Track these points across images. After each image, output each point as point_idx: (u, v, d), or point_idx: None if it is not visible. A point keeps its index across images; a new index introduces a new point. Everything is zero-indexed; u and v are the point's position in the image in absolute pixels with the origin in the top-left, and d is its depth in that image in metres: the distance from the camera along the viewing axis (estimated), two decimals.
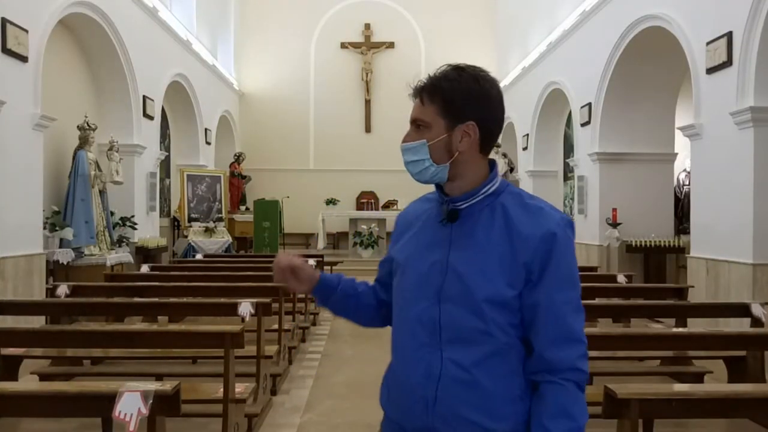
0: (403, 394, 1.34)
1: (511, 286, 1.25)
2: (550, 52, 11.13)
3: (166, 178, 11.55)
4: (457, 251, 1.29)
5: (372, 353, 6.01)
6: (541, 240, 1.25)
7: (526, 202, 1.31)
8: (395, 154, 9.53)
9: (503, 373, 1.26)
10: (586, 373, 1.26)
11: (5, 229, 5.51)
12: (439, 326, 1.28)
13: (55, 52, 7.19)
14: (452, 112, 1.30)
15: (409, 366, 1.32)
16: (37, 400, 2.25)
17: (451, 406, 1.25)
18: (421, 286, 1.32)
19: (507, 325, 1.26)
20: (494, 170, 1.35)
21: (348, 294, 1.52)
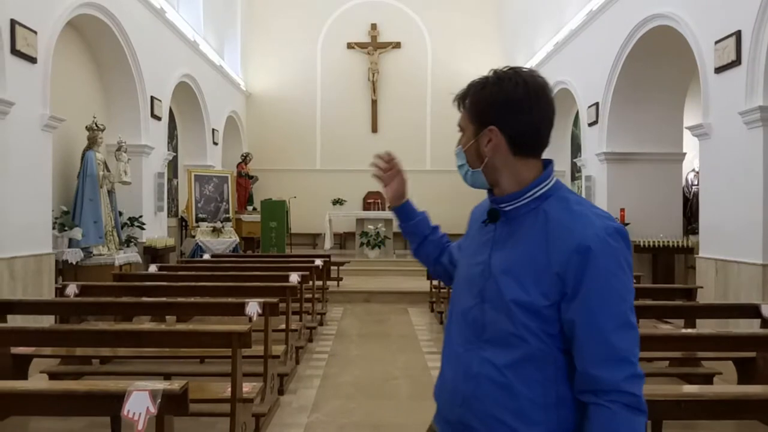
0: (446, 388, 1.38)
1: (544, 295, 1.22)
2: (557, 51, 11.09)
3: (174, 179, 11.60)
4: (497, 253, 1.31)
5: (378, 354, 6.02)
6: (575, 251, 1.19)
7: (571, 207, 1.27)
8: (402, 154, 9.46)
9: (538, 380, 1.23)
10: (636, 395, 1.17)
11: (15, 229, 5.56)
12: (481, 326, 1.30)
13: (64, 53, 7.23)
14: (477, 117, 1.33)
15: (453, 362, 1.36)
16: (47, 398, 2.26)
17: (484, 404, 1.27)
18: (468, 285, 1.36)
19: (541, 332, 1.23)
20: (545, 173, 1.32)
21: (414, 233, 1.71)
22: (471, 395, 1.29)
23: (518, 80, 1.29)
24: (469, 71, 13.84)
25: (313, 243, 15.05)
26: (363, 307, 8.92)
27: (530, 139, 1.32)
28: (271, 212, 11.65)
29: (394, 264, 12.15)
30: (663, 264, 8.59)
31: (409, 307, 8.79)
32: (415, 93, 15.31)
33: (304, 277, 5.97)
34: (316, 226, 14.19)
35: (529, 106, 1.29)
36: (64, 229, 6.82)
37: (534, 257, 1.24)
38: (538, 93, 1.30)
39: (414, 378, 5.11)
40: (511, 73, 1.31)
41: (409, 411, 4.31)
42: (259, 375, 4.02)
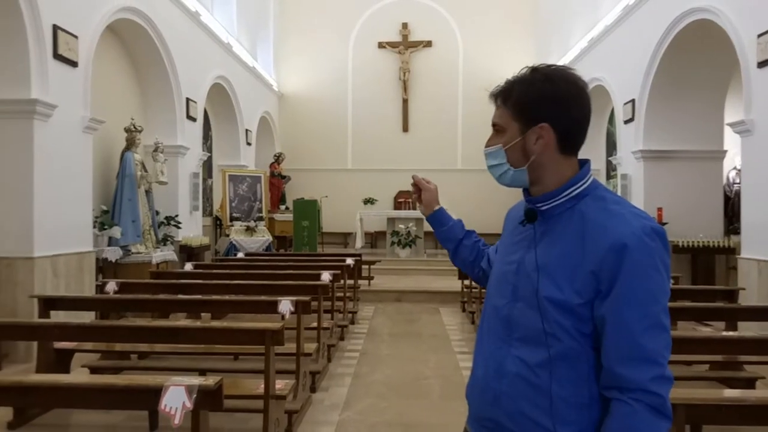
0: (477, 386, 1.39)
1: (578, 293, 1.21)
2: (592, 47, 10.89)
3: (209, 179, 11.82)
4: (533, 252, 1.31)
5: (409, 353, 6.02)
6: (610, 250, 1.18)
7: (608, 207, 1.25)
8: (433, 154, 9.69)
9: (570, 378, 1.23)
10: (661, 396, 1.16)
11: (58, 227, 5.74)
12: (513, 324, 1.31)
13: (103, 57, 7.44)
14: (524, 115, 1.31)
15: (485, 359, 1.37)
16: (88, 392, 2.34)
17: (516, 402, 1.27)
18: (502, 284, 1.37)
19: (574, 331, 1.22)
20: (582, 172, 1.32)
21: (448, 239, 1.78)
22: (502, 393, 1.29)
23: (566, 77, 1.30)
24: (501, 69, 13.77)
25: (344, 242, 15.13)
26: (394, 306, 8.93)
27: (576, 137, 1.31)
28: (303, 211, 11.76)
29: (425, 263, 12.13)
30: (703, 265, 8.35)
31: (440, 307, 8.76)
32: (446, 92, 15.25)
33: (335, 275, 6.01)
34: (348, 225, 14.28)
35: (575, 103, 1.29)
36: (104, 228, 7.02)
37: (569, 256, 1.24)
38: (579, 90, 1.30)
39: (446, 378, 5.09)
40: (556, 70, 1.31)
41: (441, 411, 4.29)
42: (291, 372, 4.07)
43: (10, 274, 5.32)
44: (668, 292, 1.21)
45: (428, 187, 1.79)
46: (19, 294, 5.29)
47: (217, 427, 3.63)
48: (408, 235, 12.27)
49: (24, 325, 3.74)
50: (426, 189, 1.79)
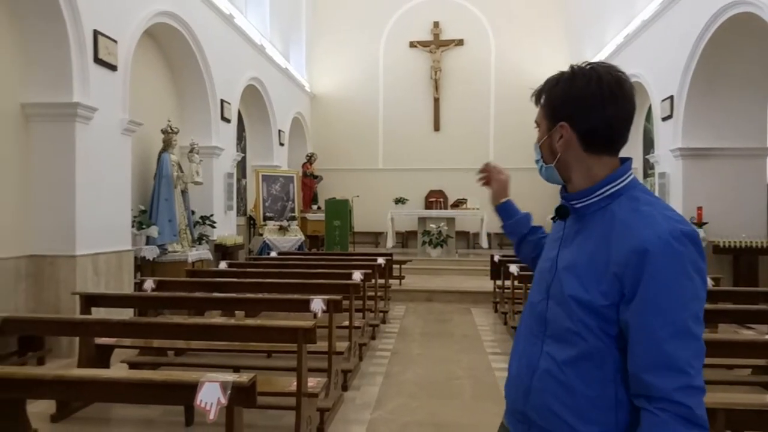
0: (511, 379, 1.41)
1: (604, 295, 1.20)
2: (628, 43, 10.65)
3: (243, 179, 12.00)
4: (564, 250, 1.32)
5: (441, 353, 5.99)
6: (632, 253, 1.16)
7: (639, 207, 1.23)
8: (464, 152, 9.60)
9: (596, 378, 1.22)
10: (688, 407, 1.11)
11: (98, 227, 5.92)
12: (545, 321, 1.33)
13: (141, 61, 7.63)
14: (549, 113, 1.35)
15: (519, 354, 1.39)
16: (127, 386, 2.40)
17: (543, 398, 1.28)
18: (539, 281, 1.40)
19: (599, 331, 1.21)
20: (618, 171, 1.29)
21: (513, 232, 1.79)
22: (532, 388, 1.31)
23: (592, 76, 1.28)
24: (534, 67, 13.60)
25: (375, 241, 15.17)
26: (425, 305, 8.91)
27: (602, 137, 1.29)
28: (335, 211, 11.84)
29: (456, 263, 12.06)
30: (745, 266, 8.08)
31: (472, 307, 8.71)
32: (477, 90, 15.14)
33: (366, 275, 6.03)
34: (379, 224, 14.31)
35: (601, 102, 1.26)
36: (142, 228, 7.21)
37: (596, 256, 1.23)
38: (612, 89, 1.27)
39: (478, 379, 5.05)
40: (586, 69, 1.30)
41: (472, 411, 4.27)
42: (323, 370, 4.10)
43: (53, 272, 5.51)
44: (701, 297, 1.16)
45: (499, 177, 1.81)
46: (61, 291, 5.47)
47: (250, 423, 3.69)
48: (439, 235, 12.23)
49: (67, 321, 3.87)
50: (496, 179, 1.81)
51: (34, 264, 5.50)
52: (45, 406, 4.01)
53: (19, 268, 5.39)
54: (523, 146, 13.74)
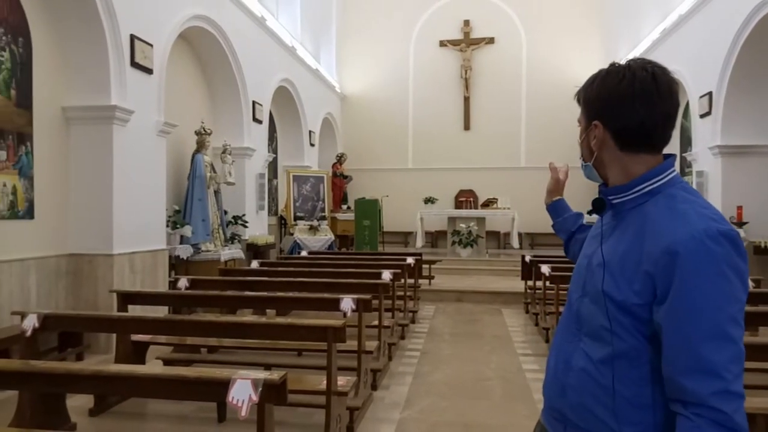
0: (549, 377, 1.41)
1: (637, 294, 1.18)
2: (665, 39, 10.39)
3: (274, 179, 12.14)
4: (601, 247, 1.31)
5: (471, 353, 5.96)
6: (665, 253, 1.13)
7: (675, 205, 1.20)
8: (495, 152, 9.51)
9: (632, 378, 1.20)
10: (724, 413, 1.07)
11: (135, 226, 6.06)
12: (581, 318, 1.32)
13: (176, 64, 7.80)
14: (585, 112, 1.35)
15: (558, 351, 1.39)
16: (162, 383, 2.45)
17: (578, 395, 1.28)
18: (576, 279, 1.39)
19: (635, 331, 1.19)
20: (658, 168, 1.27)
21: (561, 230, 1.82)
22: (568, 386, 1.30)
23: (626, 74, 1.25)
24: (566, 64, 13.33)
25: (404, 241, 15.16)
26: (455, 306, 8.86)
27: (636, 135, 1.27)
28: (364, 211, 11.88)
29: (486, 263, 11.96)
30: None
31: (502, 308, 8.63)
32: (509, 89, 14.98)
33: (396, 274, 6.03)
34: (408, 224, 14.30)
35: (631, 101, 1.24)
36: (176, 227, 7.36)
37: (630, 254, 1.21)
38: (644, 87, 1.24)
39: (508, 380, 5.00)
40: (620, 67, 1.28)
41: (502, 412, 4.23)
42: (353, 369, 4.12)
43: (91, 270, 5.67)
44: (740, 299, 1.12)
45: (556, 176, 1.84)
46: (99, 288, 5.63)
47: (281, 420, 3.73)
48: (469, 235, 12.14)
49: (104, 318, 3.98)
50: (554, 178, 1.84)
51: (73, 262, 5.67)
52: (84, 401, 4.13)
53: (59, 266, 5.56)
54: (556, 145, 13.56)
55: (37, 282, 5.28)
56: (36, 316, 3.61)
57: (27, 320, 3.61)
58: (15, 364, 2.63)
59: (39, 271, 5.31)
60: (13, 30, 5.10)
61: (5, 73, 5.01)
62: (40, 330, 3.62)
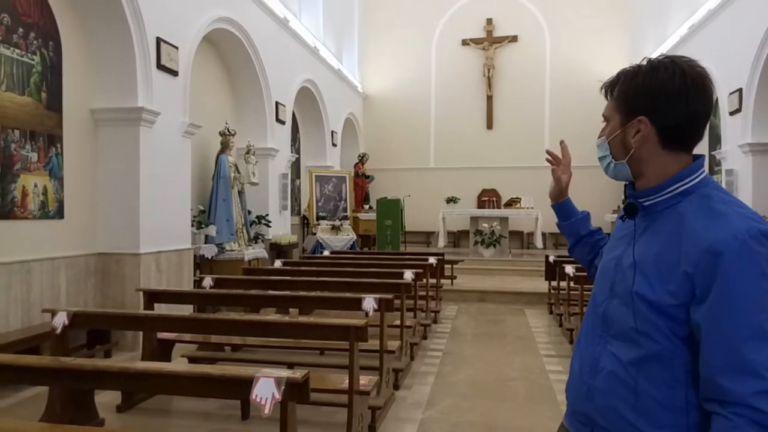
0: (573, 379, 1.38)
1: (672, 294, 1.16)
2: (692, 35, 10.18)
3: (297, 179, 12.23)
4: (632, 248, 1.29)
5: (493, 354, 5.92)
6: (706, 253, 1.12)
7: (712, 205, 1.18)
8: (518, 151, 9.42)
9: (665, 380, 1.18)
10: (764, 413, 1.06)
11: (161, 226, 6.16)
12: (609, 320, 1.30)
13: (200, 65, 7.90)
14: (625, 107, 1.29)
15: (583, 354, 1.36)
16: (187, 380, 2.49)
17: (607, 399, 1.25)
18: (603, 280, 1.36)
19: (669, 332, 1.17)
20: (690, 168, 1.25)
21: (570, 233, 1.77)
22: (596, 389, 1.28)
23: (675, 69, 1.23)
24: (591, 62, 13.12)
25: (426, 241, 15.13)
26: (477, 306, 8.81)
27: (683, 132, 1.25)
28: (386, 211, 11.88)
29: (509, 263, 11.87)
30: None
31: (525, 308, 8.55)
32: (532, 87, 14.84)
33: (418, 274, 6.02)
34: (430, 224, 14.26)
35: (686, 97, 1.22)
36: (201, 227, 7.46)
37: (665, 255, 1.19)
38: (696, 84, 1.22)
39: (531, 381, 4.96)
40: (667, 62, 1.25)
41: (526, 413, 4.19)
42: (375, 369, 4.13)
43: (119, 269, 5.78)
44: None
45: (563, 169, 1.76)
46: (127, 287, 5.73)
47: (303, 419, 3.75)
48: (492, 235, 12.06)
49: (131, 317, 4.05)
50: (561, 171, 1.75)
51: (102, 261, 5.79)
52: (111, 397, 4.21)
53: (88, 265, 5.68)
54: (581, 143, 13.32)
55: (66, 280, 5.41)
56: (66, 314, 3.70)
57: (57, 318, 3.70)
58: (45, 361, 2.70)
59: (69, 269, 5.44)
60: (44, 34, 5.23)
61: (36, 76, 5.14)
62: (69, 327, 3.70)
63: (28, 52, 5.05)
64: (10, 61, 4.86)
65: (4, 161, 4.79)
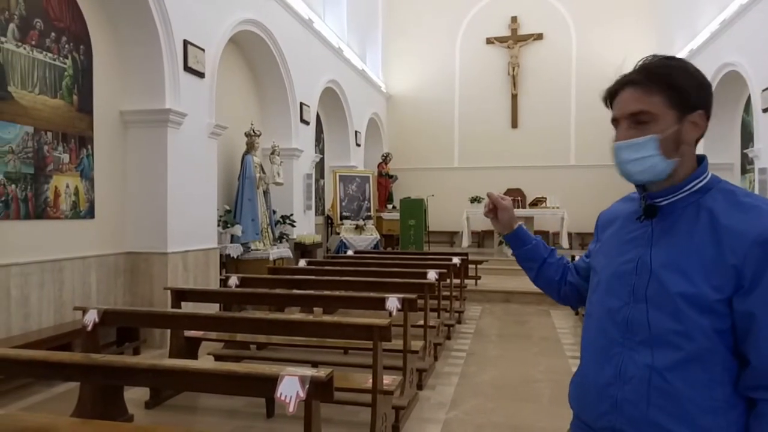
0: (591, 392, 1.32)
1: (716, 289, 1.15)
2: (724, 30, 9.93)
3: (321, 179, 12.30)
4: (656, 249, 1.25)
5: (518, 355, 5.86)
6: (755, 243, 1.13)
7: (740, 200, 1.20)
8: (544, 149, 9.33)
9: (703, 381, 1.16)
10: None
11: (189, 226, 6.26)
12: (634, 326, 1.25)
13: (226, 67, 8.00)
14: (683, 101, 1.23)
15: (599, 364, 1.30)
16: (213, 377, 2.52)
17: (642, 409, 1.21)
18: (616, 285, 1.30)
19: (709, 329, 1.16)
20: (703, 165, 1.27)
21: (532, 258, 1.65)
22: (625, 400, 1.23)
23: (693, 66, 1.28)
24: (619, 59, 12.92)
25: (450, 241, 15.07)
26: (502, 306, 8.75)
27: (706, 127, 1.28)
28: (409, 210, 11.87)
29: None
30: None
31: (551, 309, 8.45)
32: (558, 85, 14.67)
33: (441, 274, 6.00)
34: (454, 224, 14.20)
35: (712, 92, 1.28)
36: (227, 226, 7.55)
37: (701, 251, 1.18)
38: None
39: (557, 382, 4.90)
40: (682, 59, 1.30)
41: (551, 415, 4.14)
42: (398, 369, 4.12)
43: (147, 268, 5.89)
44: None
45: (504, 204, 1.66)
46: (155, 285, 5.84)
47: (327, 418, 3.78)
48: None
49: (160, 315, 4.12)
50: (503, 207, 1.65)
51: (131, 260, 5.91)
52: (140, 394, 4.29)
53: (118, 264, 5.81)
54: (607, 142, 13.13)
55: (97, 279, 5.53)
56: (96, 312, 3.78)
57: (88, 315, 3.78)
58: (77, 357, 2.76)
59: (99, 268, 5.56)
60: (75, 38, 5.35)
61: (68, 79, 5.26)
62: (100, 325, 3.78)
63: (60, 55, 5.18)
64: (43, 64, 4.99)
65: (37, 162, 4.93)
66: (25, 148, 4.80)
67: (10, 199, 4.66)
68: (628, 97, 1.25)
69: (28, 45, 4.84)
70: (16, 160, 4.71)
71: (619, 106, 1.27)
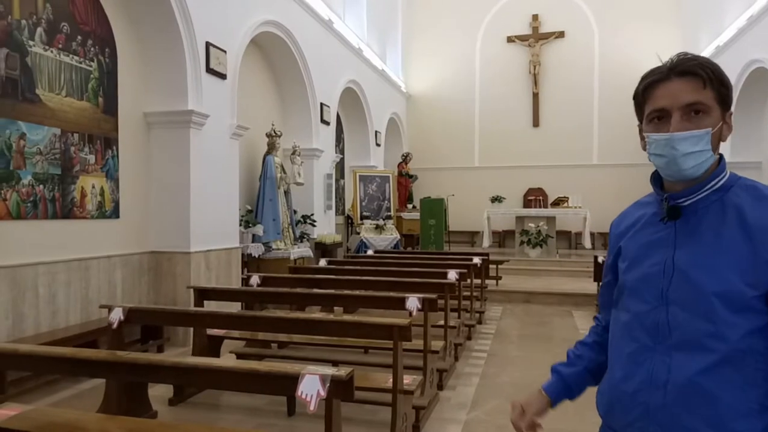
0: (620, 399, 1.29)
1: (751, 286, 1.13)
2: (752, 26, 9.71)
3: (341, 179, 12.34)
4: (683, 250, 1.22)
5: (539, 356, 5.81)
6: None
7: (764, 194, 1.20)
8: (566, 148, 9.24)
9: (737, 383, 1.14)
10: None
11: (211, 225, 6.33)
12: (665, 330, 1.21)
13: (247, 68, 8.08)
14: (727, 100, 1.24)
15: (628, 370, 1.27)
16: (235, 375, 2.55)
17: (674, 415, 1.18)
18: (643, 289, 1.26)
19: (744, 330, 1.14)
20: (722, 163, 1.26)
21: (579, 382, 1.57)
22: (657, 405, 1.20)
23: None
24: (642, 57, 12.74)
25: (471, 241, 15.00)
26: (523, 307, 8.68)
27: None
28: (430, 210, 11.85)
29: (556, 264, 11.63)
30: None
31: (573, 310, 8.36)
32: (580, 84, 14.50)
33: (462, 274, 5.98)
34: (474, 223, 14.14)
35: None
36: (248, 226, 7.62)
37: (732, 249, 1.16)
38: None
39: None
40: None
41: (573, 418, 4.09)
42: (419, 368, 4.12)
43: (170, 267, 5.97)
44: None
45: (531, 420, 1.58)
46: (178, 284, 5.92)
47: (348, 417, 3.79)
48: (538, 235, 11.85)
49: (182, 313, 4.18)
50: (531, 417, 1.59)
51: (154, 259, 6.00)
52: (164, 391, 4.36)
53: (142, 263, 5.90)
54: (630, 141, 12.98)
55: (122, 278, 5.63)
56: (121, 310, 3.85)
57: (113, 313, 3.85)
58: (102, 354, 2.81)
59: (124, 267, 5.66)
60: (101, 42, 5.45)
61: (94, 82, 5.37)
62: (125, 323, 3.85)
63: (86, 58, 5.28)
64: (69, 67, 5.10)
65: (64, 163, 5.03)
66: (52, 149, 4.90)
67: (38, 199, 4.76)
68: (682, 87, 1.20)
69: (55, 48, 4.94)
70: (43, 162, 4.81)
71: (670, 96, 1.20)
